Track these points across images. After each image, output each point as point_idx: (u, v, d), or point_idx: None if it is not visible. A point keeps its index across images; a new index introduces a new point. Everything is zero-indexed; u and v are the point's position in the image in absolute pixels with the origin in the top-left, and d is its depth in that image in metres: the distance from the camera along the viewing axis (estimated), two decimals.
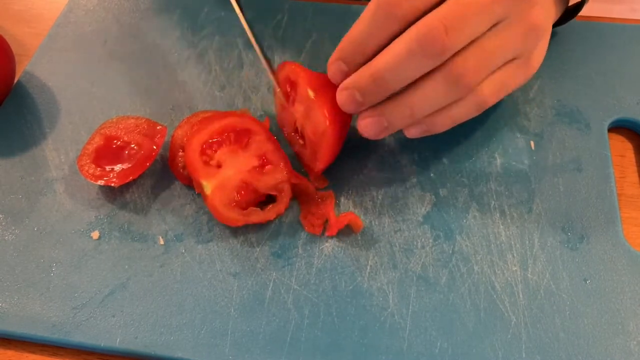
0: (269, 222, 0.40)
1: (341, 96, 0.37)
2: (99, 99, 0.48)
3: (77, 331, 0.36)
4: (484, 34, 0.34)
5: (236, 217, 0.39)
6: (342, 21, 0.51)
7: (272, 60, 0.49)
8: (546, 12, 0.37)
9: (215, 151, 0.41)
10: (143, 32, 0.52)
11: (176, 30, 0.52)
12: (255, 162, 0.40)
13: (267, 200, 0.41)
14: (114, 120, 0.44)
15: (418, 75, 0.34)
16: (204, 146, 0.41)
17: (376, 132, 0.37)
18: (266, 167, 0.40)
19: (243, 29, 0.40)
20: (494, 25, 0.34)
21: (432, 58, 0.33)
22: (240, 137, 0.41)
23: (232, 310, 0.37)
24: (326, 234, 0.39)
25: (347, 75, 0.36)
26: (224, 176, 0.40)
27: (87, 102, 0.48)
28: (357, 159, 0.43)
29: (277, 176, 0.40)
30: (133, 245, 0.40)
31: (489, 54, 0.35)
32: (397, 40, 0.34)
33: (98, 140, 0.43)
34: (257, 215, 0.39)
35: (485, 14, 0.34)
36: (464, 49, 0.34)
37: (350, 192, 0.41)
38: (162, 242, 0.40)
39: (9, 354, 0.37)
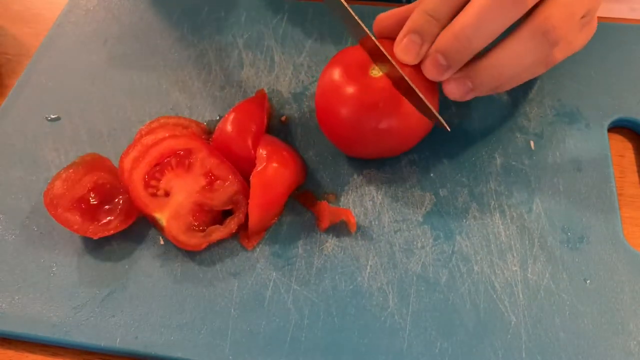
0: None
1: (426, 63, 0.36)
2: (99, 99, 0.48)
3: (77, 331, 0.36)
4: None
5: (198, 242, 0.38)
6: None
7: (273, 61, 0.49)
8: None
9: (159, 180, 0.39)
10: (143, 32, 0.52)
11: (176, 30, 0.52)
12: (203, 181, 0.39)
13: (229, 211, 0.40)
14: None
15: (501, 29, 0.34)
16: (147, 177, 0.39)
17: (461, 94, 0.37)
18: (215, 183, 0.39)
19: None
20: None
21: (515, 6, 0.33)
22: (181, 160, 0.40)
23: (232, 310, 0.37)
24: (318, 228, 0.39)
25: (420, 47, 0.36)
26: (176, 203, 0.39)
27: (87, 102, 0.48)
28: (357, 159, 0.43)
29: (228, 190, 0.39)
30: (133, 245, 0.40)
31: (570, 6, 0.34)
32: None
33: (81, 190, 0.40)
34: (219, 232, 0.38)
35: None
36: (544, 3, 0.34)
37: (350, 191, 0.42)
38: (162, 242, 0.40)
39: (9, 354, 0.37)
